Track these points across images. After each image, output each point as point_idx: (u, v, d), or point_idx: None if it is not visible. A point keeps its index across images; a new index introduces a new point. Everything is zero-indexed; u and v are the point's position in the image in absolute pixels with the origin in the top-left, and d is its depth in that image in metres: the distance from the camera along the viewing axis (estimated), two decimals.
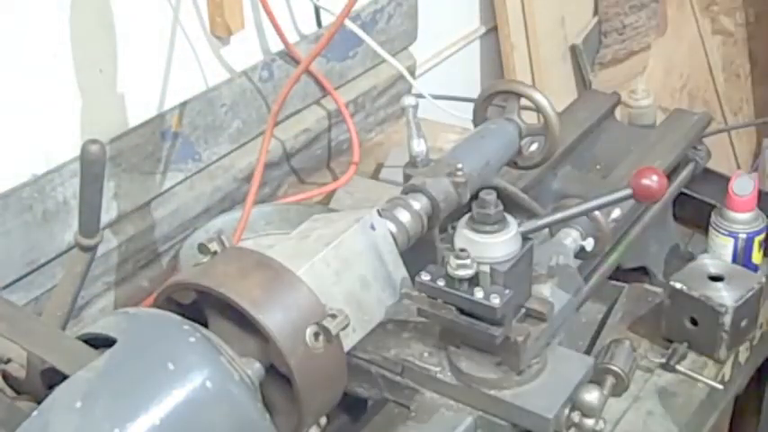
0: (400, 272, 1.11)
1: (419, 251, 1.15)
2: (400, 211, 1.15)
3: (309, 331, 0.95)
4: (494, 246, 1.06)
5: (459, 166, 1.20)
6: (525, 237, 1.09)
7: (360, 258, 1.07)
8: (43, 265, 1.39)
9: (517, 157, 1.34)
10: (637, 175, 1.14)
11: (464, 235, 1.07)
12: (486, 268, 1.04)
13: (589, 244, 1.24)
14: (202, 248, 1.01)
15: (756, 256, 1.48)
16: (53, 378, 0.92)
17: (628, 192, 1.14)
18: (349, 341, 1.02)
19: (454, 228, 1.25)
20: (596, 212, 1.24)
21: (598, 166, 1.52)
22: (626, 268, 1.45)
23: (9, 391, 1.04)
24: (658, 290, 1.43)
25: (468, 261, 1.03)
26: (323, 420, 1.02)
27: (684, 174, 1.51)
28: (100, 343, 0.93)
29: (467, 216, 1.08)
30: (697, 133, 1.54)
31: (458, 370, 1.09)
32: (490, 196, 1.06)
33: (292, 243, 1.08)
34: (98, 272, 1.46)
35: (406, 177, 1.23)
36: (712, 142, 1.61)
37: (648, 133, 1.57)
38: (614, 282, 1.42)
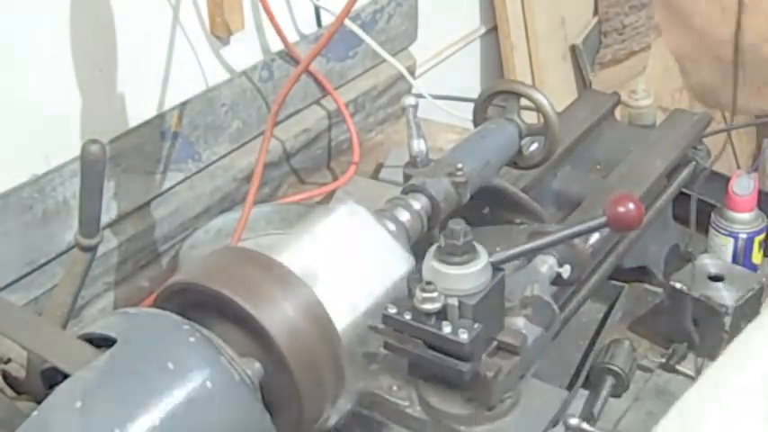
0: (396, 252, 1.09)
1: (419, 251, 1.15)
2: (400, 211, 1.15)
3: (308, 328, 0.94)
4: (462, 277, 1.01)
5: (459, 166, 1.20)
6: (496, 267, 1.05)
7: (341, 241, 1.06)
8: (43, 265, 1.39)
9: (517, 157, 1.34)
10: (612, 202, 1.08)
11: (431, 266, 1.02)
12: (455, 301, 1.00)
13: (566, 271, 1.18)
14: None
15: (756, 256, 1.48)
16: (53, 378, 0.92)
17: (602, 220, 1.09)
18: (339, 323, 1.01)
19: None
20: None
21: (598, 166, 1.52)
22: (626, 268, 1.45)
23: (9, 391, 1.04)
24: (658, 290, 1.43)
25: (434, 294, 0.99)
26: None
27: (684, 174, 1.51)
28: (100, 343, 0.93)
29: (434, 246, 1.04)
30: (697, 133, 1.54)
31: (427, 405, 1.05)
32: (459, 226, 1.02)
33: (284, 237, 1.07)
34: (98, 272, 1.46)
35: (406, 177, 1.23)
36: (712, 142, 1.61)
37: (648, 133, 1.57)
38: (614, 282, 1.42)
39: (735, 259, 1.46)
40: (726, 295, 1.31)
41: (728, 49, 0.60)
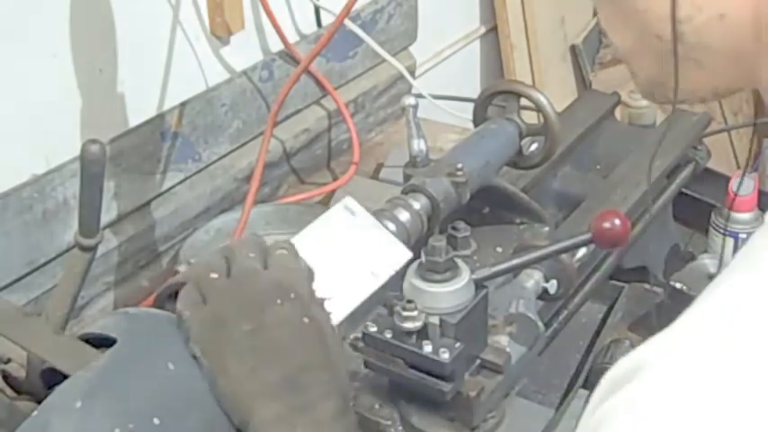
0: (397, 248, 1.08)
1: (419, 251, 1.15)
2: (400, 211, 1.15)
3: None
4: (443, 295, 0.99)
5: (459, 166, 1.20)
6: (479, 284, 1.02)
7: (340, 237, 1.05)
8: (43, 265, 1.39)
9: (517, 157, 1.34)
10: (598, 218, 1.06)
11: (412, 284, 1.00)
12: (436, 320, 0.98)
13: (552, 286, 1.15)
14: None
15: None
16: (53, 378, 0.92)
17: (588, 236, 1.06)
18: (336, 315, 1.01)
19: (455, 228, 1.26)
20: None
21: (598, 166, 1.52)
22: (626, 268, 1.45)
23: (9, 391, 1.04)
24: (658, 290, 1.43)
25: (415, 313, 0.96)
26: None
27: (684, 174, 1.51)
28: (100, 343, 0.93)
29: (416, 263, 1.02)
30: (697, 133, 1.54)
31: (409, 424, 1.03)
32: (440, 243, 1.00)
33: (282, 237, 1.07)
34: (98, 272, 1.46)
35: (406, 177, 1.23)
36: (712, 142, 1.61)
37: (648, 133, 1.57)
38: (614, 282, 1.42)
39: None
40: None
41: (667, 27, 0.61)
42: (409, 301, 0.97)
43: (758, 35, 0.69)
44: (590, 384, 1.27)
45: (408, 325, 0.97)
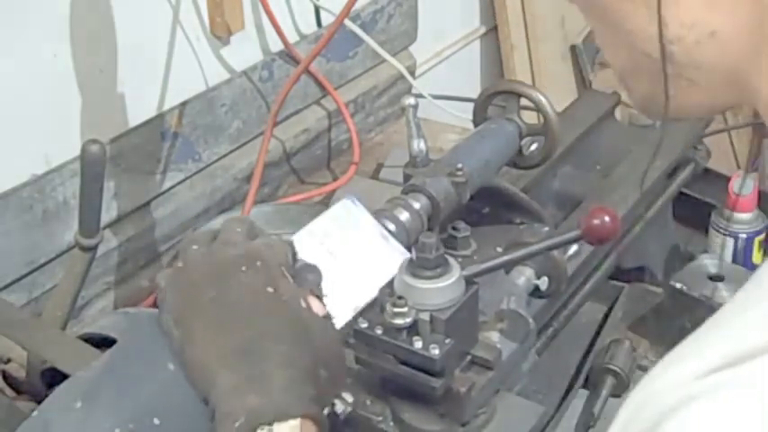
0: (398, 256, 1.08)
1: None
2: (400, 210, 1.15)
3: None
4: (434, 292, 0.98)
5: (459, 165, 1.20)
6: (469, 281, 1.01)
7: (342, 239, 1.05)
8: (43, 265, 1.39)
9: (517, 157, 1.34)
10: (587, 215, 1.06)
11: (402, 280, 1.00)
12: (426, 316, 0.97)
13: (543, 283, 1.16)
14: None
15: (756, 256, 1.48)
16: (53, 378, 0.92)
17: (577, 233, 1.06)
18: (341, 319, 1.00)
19: (455, 228, 1.26)
20: None
21: (598, 166, 1.52)
22: (626, 268, 1.45)
23: (9, 391, 1.04)
24: (658, 290, 1.43)
25: (405, 309, 0.96)
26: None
27: (684, 174, 1.51)
28: (100, 343, 0.93)
29: (406, 260, 1.02)
30: (697, 133, 1.54)
31: (400, 420, 1.03)
32: (430, 240, 0.99)
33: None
34: (98, 272, 1.45)
35: (406, 177, 1.23)
36: (712, 142, 1.61)
37: (648, 133, 1.57)
38: (614, 282, 1.42)
39: (735, 259, 1.46)
40: (725, 295, 1.31)
41: (656, 46, 0.60)
42: (400, 298, 0.97)
43: (757, 49, 0.65)
44: (590, 384, 1.27)
45: (399, 321, 0.97)
